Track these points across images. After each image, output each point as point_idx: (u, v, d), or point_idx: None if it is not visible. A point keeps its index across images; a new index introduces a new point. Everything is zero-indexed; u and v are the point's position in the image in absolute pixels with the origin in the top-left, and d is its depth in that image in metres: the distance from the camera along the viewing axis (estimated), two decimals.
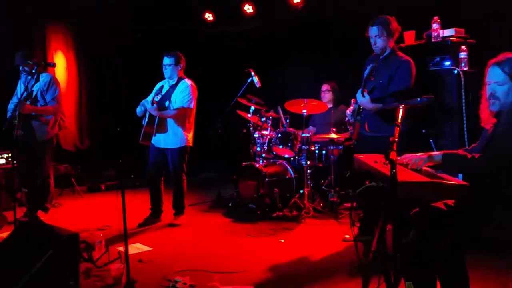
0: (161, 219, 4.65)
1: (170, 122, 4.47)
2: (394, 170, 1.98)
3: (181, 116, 4.46)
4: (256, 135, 5.18)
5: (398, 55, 3.54)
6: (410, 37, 4.27)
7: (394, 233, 2.08)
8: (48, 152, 4.83)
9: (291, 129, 5.17)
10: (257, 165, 4.96)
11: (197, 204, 5.44)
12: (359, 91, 3.47)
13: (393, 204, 2.02)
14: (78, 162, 6.43)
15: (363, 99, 3.45)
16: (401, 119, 2.32)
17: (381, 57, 3.57)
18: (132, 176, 6.58)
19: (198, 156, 5.54)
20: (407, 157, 2.40)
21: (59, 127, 4.88)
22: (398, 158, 2.40)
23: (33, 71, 4.49)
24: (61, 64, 6.53)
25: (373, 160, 2.47)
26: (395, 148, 2.10)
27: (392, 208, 2.05)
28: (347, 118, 3.77)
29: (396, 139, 2.15)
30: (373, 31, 3.51)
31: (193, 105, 4.51)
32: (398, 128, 2.25)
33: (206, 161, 7.35)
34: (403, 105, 2.37)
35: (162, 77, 4.61)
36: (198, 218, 4.86)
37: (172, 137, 4.49)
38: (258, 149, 5.14)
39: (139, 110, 4.52)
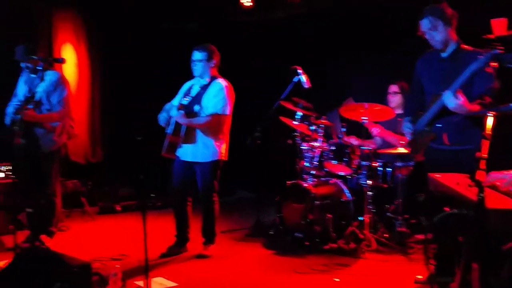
0: (188, 248, 4.73)
1: (200, 131, 4.56)
2: (482, 194, 1.97)
3: (213, 124, 4.55)
4: (304, 147, 5.20)
5: (468, 49, 3.55)
6: (500, 26, 4.19)
7: (481, 273, 2.06)
8: (55, 165, 5.02)
9: (349, 139, 5.16)
10: (305, 185, 4.97)
11: (231, 232, 5.50)
12: (449, 92, 3.37)
13: (481, 237, 2.00)
14: (89, 177, 6.64)
15: (455, 101, 3.33)
16: (491, 130, 2.29)
17: (445, 55, 3.59)
18: (152, 195, 6.75)
19: (232, 172, 5.62)
20: (497, 176, 2.37)
21: (67, 135, 5.08)
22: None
23: (38, 68, 4.65)
24: (70, 59, 6.77)
25: (455, 182, 2.45)
26: (483, 166, 2.08)
27: (479, 241, 2.03)
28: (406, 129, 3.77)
29: (485, 155, 2.13)
30: (425, 24, 3.57)
31: (228, 111, 4.59)
32: (486, 141, 2.22)
33: (242, 179, 7.43)
34: (493, 112, 2.34)
35: (191, 76, 4.72)
36: (232, 249, 4.91)
37: (202, 149, 4.58)
38: (307, 164, 5.15)
39: (162, 117, 4.63)
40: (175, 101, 4.68)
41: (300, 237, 4.86)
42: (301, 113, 5.25)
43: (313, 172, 5.14)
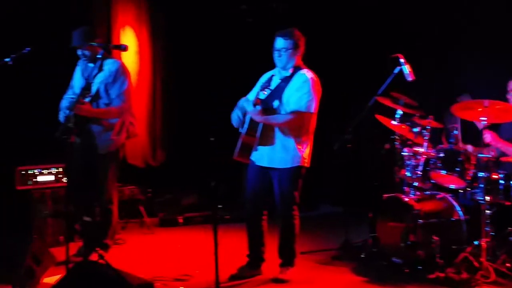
0: (262, 271, 4.79)
1: (280, 132, 4.61)
2: None
3: (295, 123, 4.58)
4: (405, 153, 5.15)
5: None
6: None
7: None
8: (112, 169, 5.28)
9: (464, 145, 5.06)
10: (406, 199, 4.92)
11: (313, 253, 5.50)
12: None
13: None
14: (148, 183, 6.89)
15: None
16: None
17: None
18: (220, 206, 6.88)
19: (315, 182, 5.64)
20: None
21: (127, 134, 5.31)
22: None
23: (98, 56, 4.89)
24: (130, 46, 6.91)
25: None
26: None
27: None
28: None
29: None
30: None
31: (314, 108, 4.61)
32: None
33: (328, 190, 7.45)
34: None
35: (271, 66, 4.78)
36: (315, 273, 4.93)
37: (281, 153, 4.62)
38: (408, 174, 5.10)
39: (235, 115, 4.68)
40: (251, 95, 4.76)
41: (398, 262, 4.81)
42: (402, 112, 5.19)
43: (416, 183, 5.07)
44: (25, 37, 5.71)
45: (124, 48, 4.88)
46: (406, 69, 5.05)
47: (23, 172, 5.70)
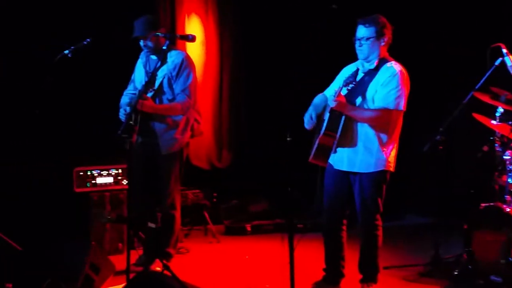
0: (341, 287, 4.75)
1: (362, 131, 4.56)
2: None
3: (381, 122, 4.53)
4: (506, 157, 5.03)
5: None
6: None
7: None
8: (175, 170, 5.35)
9: None
10: (508, 209, 4.81)
11: (399, 268, 5.43)
12: None
13: None
14: (213, 187, 6.95)
15: None
16: None
17: None
18: (292, 213, 6.87)
19: (402, 188, 5.54)
20: None
21: (191, 132, 5.37)
22: None
23: (164, 47, 4.92)
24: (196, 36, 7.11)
25: None
26: None
27: None
28: None
29: None
30: None
31: (403, 105, 4.54)
32: None
33: (414, 197, 7.33)
34: None
35: (353, 58, 4.73)
36: None
37: (363, 156, 4.58)
38: (510, 181, 4.99)
39: (307, 118, 4.63)
40: (330, 91, 4.73)
41: (497, 281, 4.70)
42: (503, 109, 5.06)
43: None
44: (84, 28, 5.83)
45: (192, 38, 4.92)
46: (509, 60, 4.91)
47: (81, 173, 5.85)
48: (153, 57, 5.25)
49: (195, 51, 7.05)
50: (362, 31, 4.55)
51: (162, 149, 5.24)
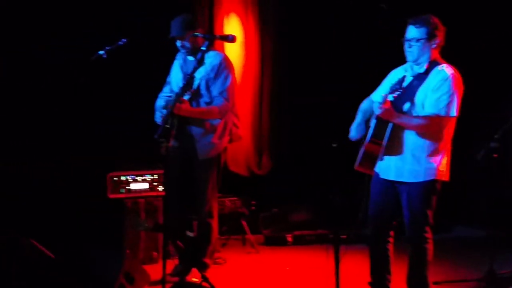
0: None
1: (410, 139, 4.54)
2: None
3: (432, 129, 4.50)
4: None
5: None
6: None
7: None
8: (213, 177, 5.42)
9: None
10: None
11: (450, 283, 5.42)
12: None
13: None
14: (252, 195, 7.02)
15: None
16: None
17: None
18: (336, 223, 6.88)
19: (453, 198, 5.50)
20: None
21: (230, 137, 5.43)
22: None
23: (203, 48, 4.88)
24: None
25: None
26: None
27: None
28: None
29: None
30: None
31: (455, 111, 4.49)
32: None
33: (465, 209, 7.29)
34: None
35: (402, 60, 4.71)
36: None
37: (412, 164, 4.56)
38: None
39: (354, 128, 4.68)
40: (377, 96, 4.73)
41: None
42: None
43: None
44: (119, 28, 5.94)
45: (231, 39, 4.95)
46: None
47: (115, 179, 5.93)
48: (190, 58, 5.32)
49: (234, 52, 7.09)
50: (412, 31, 4.54)
51: (199, 154, 5.32)
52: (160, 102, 5.46)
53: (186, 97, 5.21)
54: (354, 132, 4.74)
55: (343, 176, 4.97)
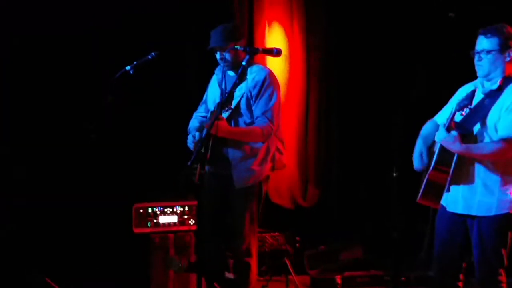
0: None
1: (481, 166, 4.48)
2: None
3: (507, 155, 4.43)
4: None
5: None
6: None
7: None
8: (251, 209, 5.33)
9: None
10: None
11: None
12: None
13: None
14: (297, 230, 6.97)
15: None
16: None
17: None
18: (394, 263, 6.79)
19: None
20: None
21: (272, 164, 5.34)
22: None
23: (244, 63, 4.88)
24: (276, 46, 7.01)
25: None
26: None
27: None
28: None
29: None
30: None
31: None
32: None
33: None
34: None
35: (472, 76, 4.66)
36: None
37: (483, 196, 4.49)
38: None
39: (417, 157, 4.63)
40: (442, 117, 4.69)
41: None
42: None
43: None
44: (148, 40, 6.01)
45: (277, 52, 4.94)
46: None
47: (141, 211, 5.95)
48: (231, 73, 5.28)
49: (277, 66, 7.06)
50: (483, 42, 4.48)
51: (236, 182, 5.21)
52: (194, 123, 5.46)
53: (225, 115, 5.15)
54: (417, 161, 4.69)
55: (403, 209, 4.92)
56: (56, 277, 5.30)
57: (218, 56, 5.27)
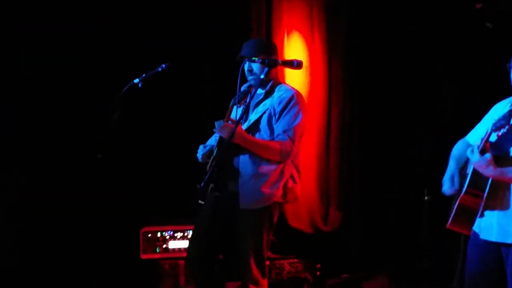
0: None
1: None
2: None
3: None
4: None
5: None
6: None
7: None
8: (258, 234, 5.23)
9: None
10: None
11: None
12: None
13: None
14: (317, 256, 6.98)
15: None
16: None
17: None
18: None
19: None
20: None
21: (283, 190, 5.25)
22: None
23: (262, 76, 4.97)
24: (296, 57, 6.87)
25: None
26: None
27: None
28: None
29: None
30: None
31: None
32: None
33: None
34: None
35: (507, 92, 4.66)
36: None
37: None
38: None
39: (447, 181, 4.62)
40: (474, 136, 4.73)
41: None
42: None
43: None
44: (161, 50, 6.08)
45: (297, 65, 5.00)
46: None
47: (149, 236, 5.99)
48: (259, 91, 5.27)
49: (296, 78, 7.12)
50: None
51: (241, 202, 5.15)
52: (211, 140, 5.47)
53: (244, 127, 5.16)
54: (447, 184, 4.67)
55: (432, 236, 4.93)
56: None
57: (246, 67, 5.25)
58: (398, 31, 7.32)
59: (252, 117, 5.23)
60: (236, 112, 5.16)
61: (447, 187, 4.68)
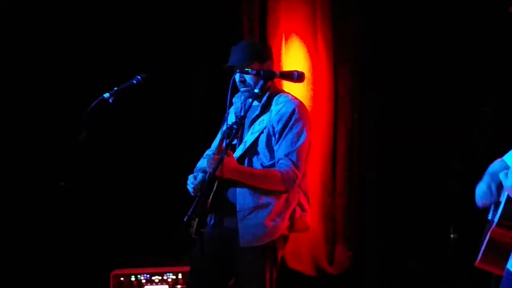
0: None
1: None
2: None
3: None
4: None
5: None
6: None
7: None
8: (261, 275, 5.25)
9: None
10: None
11: None
12: None
13: None
14: None
15: None
16: None
17: None
18: None
19: None
20: None
21: (291, 221, 5.29)
22: None
23: (256, 90, 5.01)
24: (296, 67, 6.76)
25: None
26: None
27: None
28: None
29: None
30: None
31: None
32: None
33: None
34: None
35: None
36: None
37: None
38: None
39: (483, 189, 4.61)
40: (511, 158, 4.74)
41: None
42: None
43: None
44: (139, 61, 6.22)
45: (298, 77, 5.05)
46: None
47: (121, 279, 6.02)
48: (256, 103, 5.27)
49: (296, 90, 6.98)
50: None
51: (241, 240, 5.20)
52: (202, 163, 5.50)
53: (236, 154, 5.20)
54: (484, 196, 4.65)
55: (458, 275, 4.99)
56: None
57: (237, 78, 5.27)
58: (419, 33, 7.36)
59: (248, 138, 5.25)
60: (224, 142, 5.15)
61: (484, 199, 4.65)
